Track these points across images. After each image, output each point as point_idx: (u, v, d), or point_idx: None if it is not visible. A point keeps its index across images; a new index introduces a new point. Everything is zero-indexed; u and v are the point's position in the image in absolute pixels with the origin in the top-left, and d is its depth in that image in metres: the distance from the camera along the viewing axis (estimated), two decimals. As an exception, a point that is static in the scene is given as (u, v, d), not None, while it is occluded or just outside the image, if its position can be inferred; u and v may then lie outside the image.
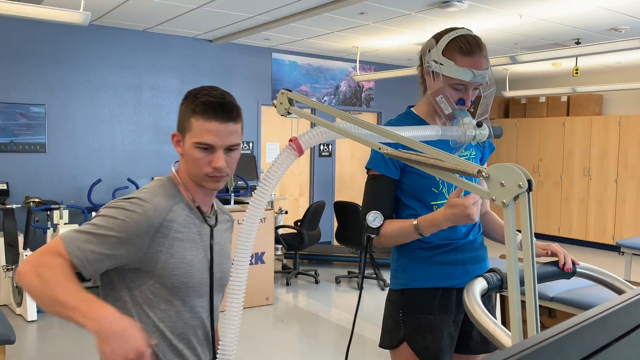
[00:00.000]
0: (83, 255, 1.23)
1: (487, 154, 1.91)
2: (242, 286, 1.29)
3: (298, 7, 5.23)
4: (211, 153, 1.33)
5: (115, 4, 5.28)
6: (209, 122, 1.31)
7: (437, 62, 1.61)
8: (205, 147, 1.32)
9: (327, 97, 8.15)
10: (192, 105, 1.34)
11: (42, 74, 5.96)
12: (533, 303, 0.96)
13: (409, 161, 1.15)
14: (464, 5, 4.89)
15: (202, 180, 1.37)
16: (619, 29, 5.75)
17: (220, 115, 1.32)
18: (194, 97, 1.35)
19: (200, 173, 1.35)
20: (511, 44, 6.55)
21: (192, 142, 1.33)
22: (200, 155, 1.33)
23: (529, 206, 0.96)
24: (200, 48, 6.98)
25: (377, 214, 1.65)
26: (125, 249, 1.27)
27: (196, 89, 1.38)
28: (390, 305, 1.80)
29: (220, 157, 1.33)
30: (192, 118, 1.33)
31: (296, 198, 8.12)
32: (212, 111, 1.32)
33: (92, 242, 1.24)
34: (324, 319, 4.96)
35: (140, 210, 1.29)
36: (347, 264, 6.99)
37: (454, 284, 1.74)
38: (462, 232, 1.77)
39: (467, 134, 1.48)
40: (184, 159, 1.38)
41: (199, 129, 1.32)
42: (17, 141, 5.84)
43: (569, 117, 8.64)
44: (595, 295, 3.31)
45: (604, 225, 8.23)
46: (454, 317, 1.75)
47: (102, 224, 1.27)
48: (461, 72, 1.58)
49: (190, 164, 1.36)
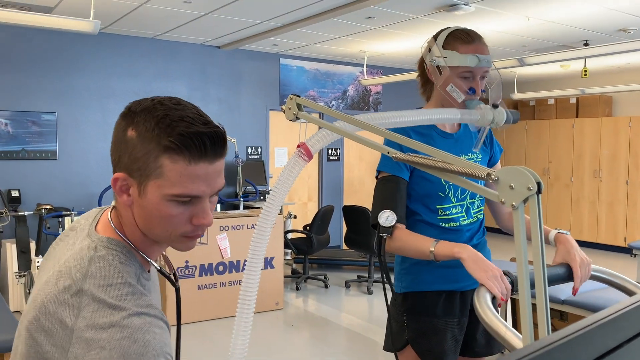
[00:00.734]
0: None
1: (497, 155, 1.90)
2: (254, 295, 1.27)
3: (305, 13, 5.25)
4: (193, 205, 0.91)
5: (124, 12, 5.33)
6: (195, 165, 0.88)
7: (440, 57, 1.63)
8: (188, 200, 0.90)
9: (335, 102, 8.16)
10: (163, 138, 0.86)
11: (53, 82, 6.03)
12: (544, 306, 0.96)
13: (418, 164, 1.16)
14: (471, 8, 4.89)
15: (172, 242, 0.95)
16: (628, 29, 5.72)
17: (211, 152, 0.90)
18: (161, 121, 0.87)
19: (175, 234, 0.92)
20: (519, 46, 6.53)
21: (164, 194, 0.88)
22: (178, 210, 0.90)
23: (538, 209, 0.96)
24: (209, 54, 7.03)
25: (390, 213, 1.61)
26: None
27: (147, 104, 0.91)
28: (394, 308, 1.80)
29: (208, 210, 0.92)
30: (165, 158, 0.87)
31: (305, 202, 8.12)
32: (202, 148, 0.88)
33: None
34: (334, 323, 4.96)
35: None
36: (356, 268, 6.99)
37: (457, 287, 1.74)
38: (467, 236, 1.77)
39: (486, 117, 1.49)
40: (142, 213, 0.91)
41: (179, 174, 0.87)
42: (28, 149, 5.90)
43: (578, 118, 8.60)
44: (608, 298, 3.29)
45: (615, 227, 8.16)
46: (457, 319, 1.75)
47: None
48: (466, 58, 1.61)
49: (156, 222, 0.91)
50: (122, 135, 0.90)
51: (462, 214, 1.76)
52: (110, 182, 0.92)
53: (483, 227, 1.85)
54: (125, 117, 0.91)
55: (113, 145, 0.93)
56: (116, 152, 0.92)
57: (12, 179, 5.81)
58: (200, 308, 4.84)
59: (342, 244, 8.09)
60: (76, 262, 0.90)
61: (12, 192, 5.67)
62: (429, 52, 1.68)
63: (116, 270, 0.89)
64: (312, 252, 6.11)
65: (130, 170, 0.90)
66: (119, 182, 0.91)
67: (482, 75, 1.66)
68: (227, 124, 7.19)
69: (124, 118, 0.91)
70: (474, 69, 1.62)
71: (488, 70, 1.67)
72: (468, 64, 1.60)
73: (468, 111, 1.52)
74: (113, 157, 0.93)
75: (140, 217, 0.92)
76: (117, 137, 0.92)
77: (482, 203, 1.83)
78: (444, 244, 1.51)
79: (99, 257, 0.90)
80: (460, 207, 1.76)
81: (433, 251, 1.51)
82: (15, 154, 5.83)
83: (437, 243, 1.51)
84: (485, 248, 1.84)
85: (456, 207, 1.75)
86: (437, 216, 1.73)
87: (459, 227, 1.75)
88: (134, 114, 0.90)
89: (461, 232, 1.75)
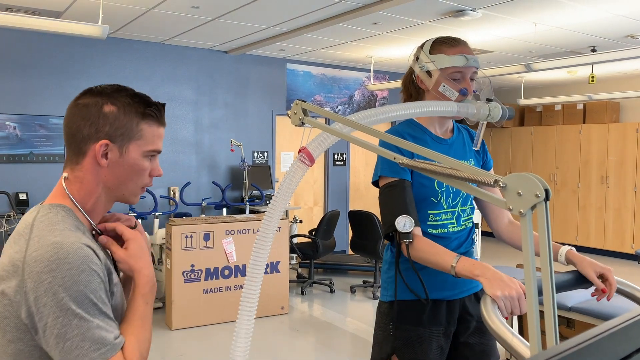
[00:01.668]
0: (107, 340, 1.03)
1: (489, 163, 1.90)
2: (255, 301, 1.25)
3: (312, 18, 5.27)
4: (153, 161, 1.19)
5: (133, 17, 5.37)
6: (160, 128, 1.18)
7: (429, 61, 1.69)
8: (154, 155, 1.18)
9: (341, 107, 8.17)
10: (140, 109, 1.14)
11: (62, 86, 6.07)
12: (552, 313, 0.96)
13: (425, 171, 1.15)
14: (477, 14, 4.89)
15: (131, 195, 1.18)
16: (635, 36, 5.70)
17: (164, 120, 1.20)
18: (134, 98, 1.15)
19: (139, 186, 1.18)
20: (526, 52, 6.52)
21: (143, 151, 1.14)
22: (147, 164, 1.16)
23: (546, 216, 0.95)
24: (216, 59, 7.06)
25: (407, 218, 1.59)
26: None
27: (109, 89, 1.15)
28: (380, 317, 1.79)
29: (158, 165, 1.21)
30: (144, 123, 1.14)
31: (311, 207, 8.13)
32: (160, 116, 1.18)
33: (100, 327, 1.02)
34: (339, 328, 4.95)
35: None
36: (362, 273, 6.97)
37: (443, 296, 1.73)
38: (455, 245, 1.76)
39: (482, 111, 1.53)
40: (118, 171, 1.14)
41: (152, 135, 1.16)
42: (36, 152, 5.94)
43: (585, 124, 8.56)
44: (615, 305, 3.27)
45: (622, 233, 8.11)
46: (444, 329, 1.73)
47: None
48: (454, 59, 1.66)
49: (130, 176, 1.15)
50: (97, 111, 1.11)
51: (452, 221, 1.76)
52: None
53: (471, 237, 1.84)
54: (94, 97, 1.12)
55: (82, 121, 1.11)
56: (90, 126, 1.11)
57: (20, 182, 5.84)
58: (206, 312, 4.84)
59: (347, 248, 8.08)
60: (21, 225, 1.11)
61: (20, 195, 5.70)
62: (417, 61, 1.74)
63: (57, 220, 1.08)
64: (318, 256, 6.10)
65: (113, 136, 1.12)
66: (102, 147, 1.11)
67: (471, 76, 1.69)
68: (234, 128, 7.21)
69: (91, 98, 1.12)
70: (463, 68, 1.66)
71: (476, 71, 1.70)
72: (457, 63, 1.65)
73: (465, 105, 1.54)
74: (84, 131, 1.11)
75: (114, 176, 1.14)
76: (88, 113, 1.11)
77: (472, 211, 1.83)
78: (465, 261, 1.47)
79: (41, 216, 1.10)
80: (451, 214, 1.76)
81: (455, 267, 1.48)
82: (23, 157, 5.87)
83: (458, 259, 1.48)
84: (472, 257, 1.83)
85: (447, 213, 1.75)
86: (427, 222, 1.72)
87: (446, 234, 1.74)
88: (104, 95, 1.13)
89: (449, 239, 1.74)
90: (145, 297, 1.13)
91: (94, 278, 1.03)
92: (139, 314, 1.12)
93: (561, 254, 1.65)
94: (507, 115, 1.53)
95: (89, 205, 1.15)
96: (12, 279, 1.02)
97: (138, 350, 1.07)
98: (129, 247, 1.15)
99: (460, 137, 1.84)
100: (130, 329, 1.09)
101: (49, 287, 0.99)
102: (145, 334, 1.11)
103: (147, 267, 1.15)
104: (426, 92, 1.75)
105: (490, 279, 1.37)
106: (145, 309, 1.13)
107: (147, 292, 1.13)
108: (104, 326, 1.02)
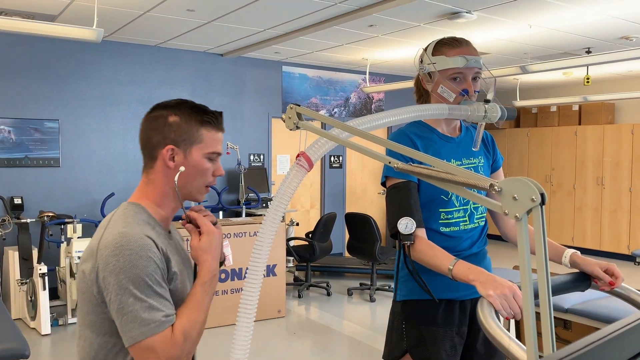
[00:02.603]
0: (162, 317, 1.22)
1: (499, 161, 1.90)
2: (254, 304, 1.26)
3: (308, 21, 5.27)
4: (214, 162, 1.37)
5: (128, 20, 5.35)
6: (218, 133, 1.36)
7: (430, 63, 1.70)
8: (214, 157, 1.36)
9: (338, 109, 8.17)
10: (199, 117, 1.34)
11: (56, 90, 6.05)
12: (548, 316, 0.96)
13: (421, 175, 1.15)
14: (473, 16, 4.90)
15: (197, 193, 1.37)
16: (630, 37, 5.72)
17: (222, 126, 1.39)
18: (194, 109, 1.35)
19: (203, 185, 1.36)
20: (521, 53, 6.54)
21: (204, 153, 1.33)
22: (209, 165, 1.35)
23: (542, 220, 0.95)
24: (212, 62, 7.05)
25: (408, 220, 1.61)
26: None
27: (173, 102, 1.36)
28: (393, 316, 1.80)
29: (220, 165, 1.39)
30: (203, 129, 1.33)
31: (307, 210, 8.12)
32: (218, 122, 1.37)
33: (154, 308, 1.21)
34: (336, 331, 4.94)
35: None
36: (359, 275, 6.97)
37: (457, 296, 1.73)
38: (467, 244, 1.76)
39: (477, 113, 1.52)
40: (185, 172, 1.33)
41: (211, 139, 1.34)
42: (31, 156, 5.91)
43: (580, 125, 8.59)
44: (611, 307, 3.27)
45: (618, 234, 8.13)
46: (457, 328, 1.74)
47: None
48: (454, 60, 1.67)
49: (195, 176, 1.34)
50: (164, 121, 1.33)
51: (465, 219, 1.75)
52: (111, 189, 1.17)
53: (484, 235, 1.84)
54: (162, 110, 1.34)
55: (152, 132, 1.33)
56: (159, 134, 1.32)
57: (15, 186, 5.82)
58: (202, 316, 4.82)
59: (344, 251, 8.08)
60: (104, 220, 1.34)
61: (15, 199, 5.68)
62: (421, 63, 1.76)
63: (129, 215, 1.30)
64: (315, 259, 6.09)
65: (177, 142, 1.32)
66: (168, 152, 1.32)
67: (474, 76, 1.69)
68: (230, 131, 7.20)
69: (160, 111, 1.34)
70: (463, 69, 1.66)
71: (479, 71, 1.70)
72: (456, 65, 1.66)
73: (457, 106, 1.55)
74: (154, 140, 1.33)
75: (182, 177, 1.32)
76: (157, 124, 1.33)
77: (485, 209, 1.82)
78: (462, 265, 1.49)
79: (119, 212, 1.33)
80: (464, 211, 1.75)
81: (451, 269, 1.49)
82: (18, 161, 5.84)
83: (456, 262, 1.50)
84: (485, 258, 1.83)
85: (459, 211, 1.74)
86: (439, 220, 1.72)
87: (458, 232, 1.74)
88: (169, 107, 1.34)
89: (461, 239, 1.74)
90: (204, 286, 1.29)
91: (150, 264, 1.21)
92: (196, 299, 1.28)
93: (565, 256, 1.66)
94: (507, 116, 1.53)
95: (160, 202, 1.35)
96: (89, 261, 1.25)
97: (185, 330, 1.23)
98: (201, 239, 1.32)
99: (469, 135, 1.84)
100: (185, 311, 1.26)
101: (113, 268, 1.20)
102: (198, 318, 1.27)
103: (210, 260, 1.31)
104: (431, 93, 1.76)
105: (484, 282, 1.38)
106: (203, 296, 1.29)
107: (206, 281, 1.29)
108: (156, 305, 1.20)
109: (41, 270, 4.66)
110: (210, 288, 1.31)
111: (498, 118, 1.52)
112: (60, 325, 4.92)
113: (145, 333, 1.18)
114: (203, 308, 1.28)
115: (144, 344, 1.18)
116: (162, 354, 1.19)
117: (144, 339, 1.18)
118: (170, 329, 1.21)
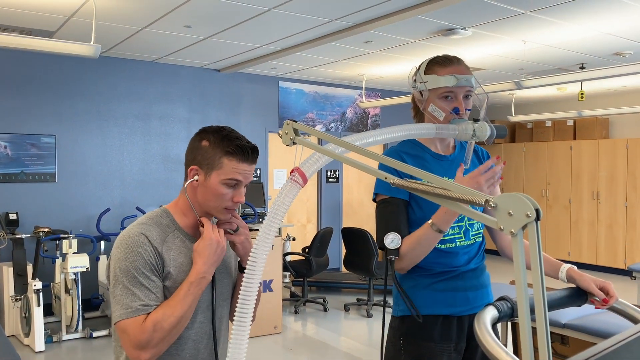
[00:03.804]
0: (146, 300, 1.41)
1: None
2: (249, 320, 1.23)
3: (304, 37, 5.31)
4: (235, 189, 1.47)
5: (125, 36, 5.39)
6: (241, 164, 1.46)
7: (422, 82, 1.72)
8: (234, 184, 1.46)
9: (334, 124, 8.20)
10: (225, 147, 1.45)
11: (53, 105, 6.06)
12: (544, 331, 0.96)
13: (416, 191, 1.15)
14: (468, 32, 4.95)
15: (216, 212, 1.50)
16: (623, 53, 5.78)
17: (251, 159, 1.48)
18: (224, 138, 1.46)
19: (220, 206, 1.48)
20: (516, 69, 6.60)
21: (221, 179, 1.45)
22: (226, 191, 1.46)
23: (537, 235, 0.96)
24: (208, 77, 7.08)
25: (395, 235, 1.64)
26: None
27: (215, 128, 1.49)
28: (391, 332, 1.80)
29: (243, 193, 1.51)
30: (225, 158, 1.45)
31: (304, 224, 8.11)
32: (246, 155, 1.46)
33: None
34: (332, 347, 4.90)
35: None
36: (355, 291, 6.94)
37: (454, 312, 1.73)
38: (464, 260, 1.76)
39: (465, 132, 1.53)
40: (204, 191, 1.48)
41: (231, 168, 1.45)
42: (27, 171, 5.90)
43: (575, 140, 8.64)
44: (608, 322, 3.26)
45: (614, 249, 8.14)
46: (454, 344, 1.73)
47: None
48: (444, 79, 1.68)
49: (210, 197, 1.48)
50: (198, 143, 1.49)
51: (460, 235, 1.76)
52: (107, 205, 1.45)
53: (482, 250, 1.84)
54: (201, 133, 1.50)
55: (188, 151, 1.51)
56: (191, 153, 1.50)
57: (10, 201, 5.79)
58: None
59: (341, 266, 8.05)
60: None
61: (10, 214, 5.65)
62: (414, 81, 1.77)
63: (150, 216, 1.50)
64: (311, 274, 6.07)
65: (201, 164, 1.47)
66: (192, 171, 1.49)
67: (466, 94, 1.70)
68: (226, 146, 7.21)
69: (199, 134, 1.50)
70: (453, 88, 1.68)
71: (471, 90, 1.71)
72: (445, 84, 1.67)
73: (445, 126, 1.56)
74: (188, 157, 1.51)
75: (202, 194, 1.49)
76: (193, 145, 1.50)
77: (482, 226, 1.82)
78: (437, 213, 1.59)
79: (147, 213, 1.54)
80: (459, 228, 1.76)
81: (433, 223, 1.58)
82: (14, 176, 5.83)
83: (431, 220, 1.59)
84: (484, 273, 1.83)
85: (453, 227, 1.75)
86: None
87: (454, 249, 1.74)
88: (207, 132, 1.49)
89: (457, 255, 1.74)
90: (190, 286, 1.41)
91: (139, 258, 1.40)
92: (178, 295, 1.41)
93: (562, 271, 1.66)
94: (496, 134, 1.54)
95: (186, 212, 1.53)
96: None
97: (156, 320, 1.37)
98: (199, 243, 1.46)
99: (463, 152, 1.84)
100: (164, 304, 1.40)
101: (113, 258, 1.43)
102: (174, 312, 1.38)
103: (201, 263, 1.43)
104: (423, 111, 1.77)
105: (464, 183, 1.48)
106: (186, 294, 1.40)
107: (193, 281, 1.42)
108: (138, 294, 1.38)
109: (36, 286, 4.63)
110: (196, 289, 1.42)
111: (487, 137, 1.53)
112: (55, 342, 4.87)
113: (122, 316, 1.37)
114: (183, 305, 1.40)
115: (120, 325, 1.37)
116: (132, 337, 1.36)
117: (120, 320, 1.37)
118: (144, 316, 1.37)
